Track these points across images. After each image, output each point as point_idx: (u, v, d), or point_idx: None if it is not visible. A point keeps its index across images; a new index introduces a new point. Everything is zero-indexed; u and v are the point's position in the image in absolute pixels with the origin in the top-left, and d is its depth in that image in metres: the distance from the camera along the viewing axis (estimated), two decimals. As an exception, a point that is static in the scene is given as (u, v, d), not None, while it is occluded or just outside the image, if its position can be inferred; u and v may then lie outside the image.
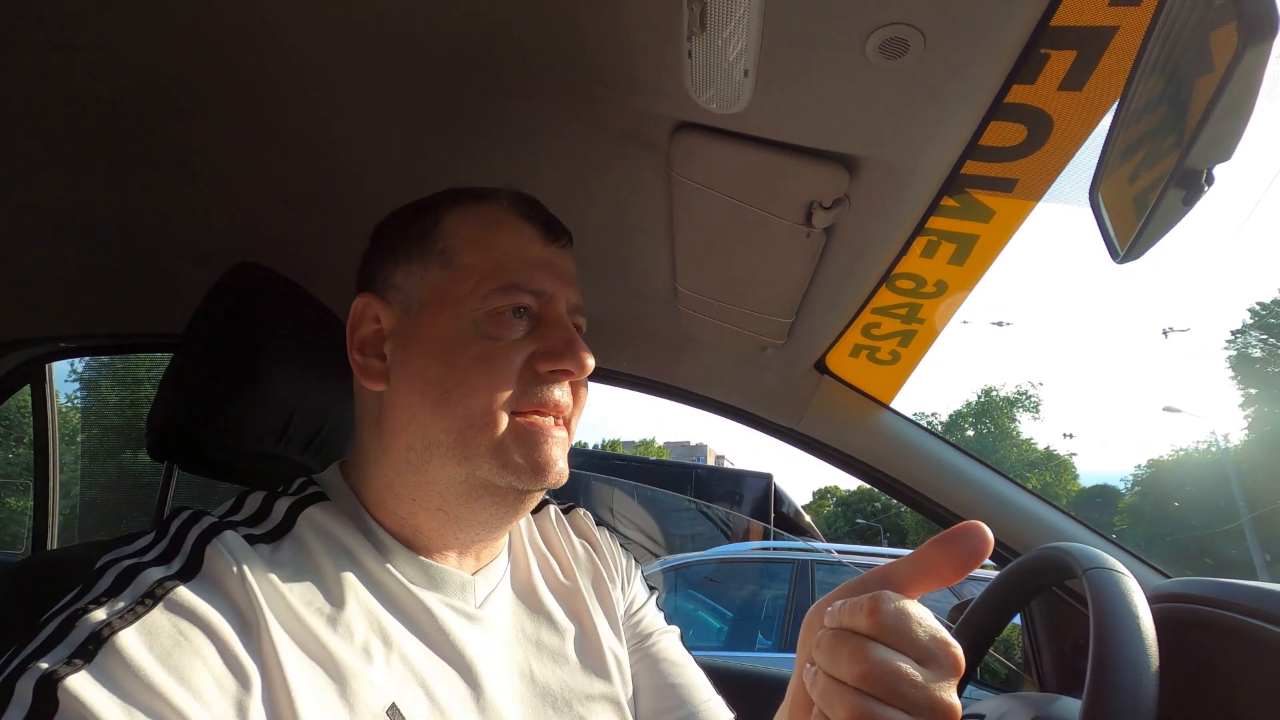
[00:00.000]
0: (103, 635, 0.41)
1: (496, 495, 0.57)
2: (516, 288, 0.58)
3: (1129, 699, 0.52)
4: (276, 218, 0.98)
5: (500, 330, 0.57)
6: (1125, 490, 28.91)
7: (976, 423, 32.89)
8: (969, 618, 0.87)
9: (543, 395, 0.56)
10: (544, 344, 0.57)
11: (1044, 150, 0.63)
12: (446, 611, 0.56)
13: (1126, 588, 0.59)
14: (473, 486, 0.56)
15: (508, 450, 0.55)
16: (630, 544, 3.37)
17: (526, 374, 0.56)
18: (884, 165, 0.66)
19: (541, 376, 0.57)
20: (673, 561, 4.35)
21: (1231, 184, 8.18)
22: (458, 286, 0.58)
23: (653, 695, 0.68)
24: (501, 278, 0.58)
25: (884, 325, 0.98)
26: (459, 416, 0.55)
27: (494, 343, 0.56)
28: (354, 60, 0.69)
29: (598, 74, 0.66)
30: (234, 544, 0.49)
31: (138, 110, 0.78)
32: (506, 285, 0.57)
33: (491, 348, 0.56)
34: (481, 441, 0.55)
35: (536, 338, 0.58)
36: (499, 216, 0.61)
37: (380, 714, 0.49)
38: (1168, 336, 21.38)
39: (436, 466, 0.56)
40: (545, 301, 0.59)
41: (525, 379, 0.56)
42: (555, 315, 0.59)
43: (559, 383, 0.57)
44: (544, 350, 0.57)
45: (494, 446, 0.55)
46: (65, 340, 1.43)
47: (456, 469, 0.56)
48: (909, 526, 25.65)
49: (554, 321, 0.59)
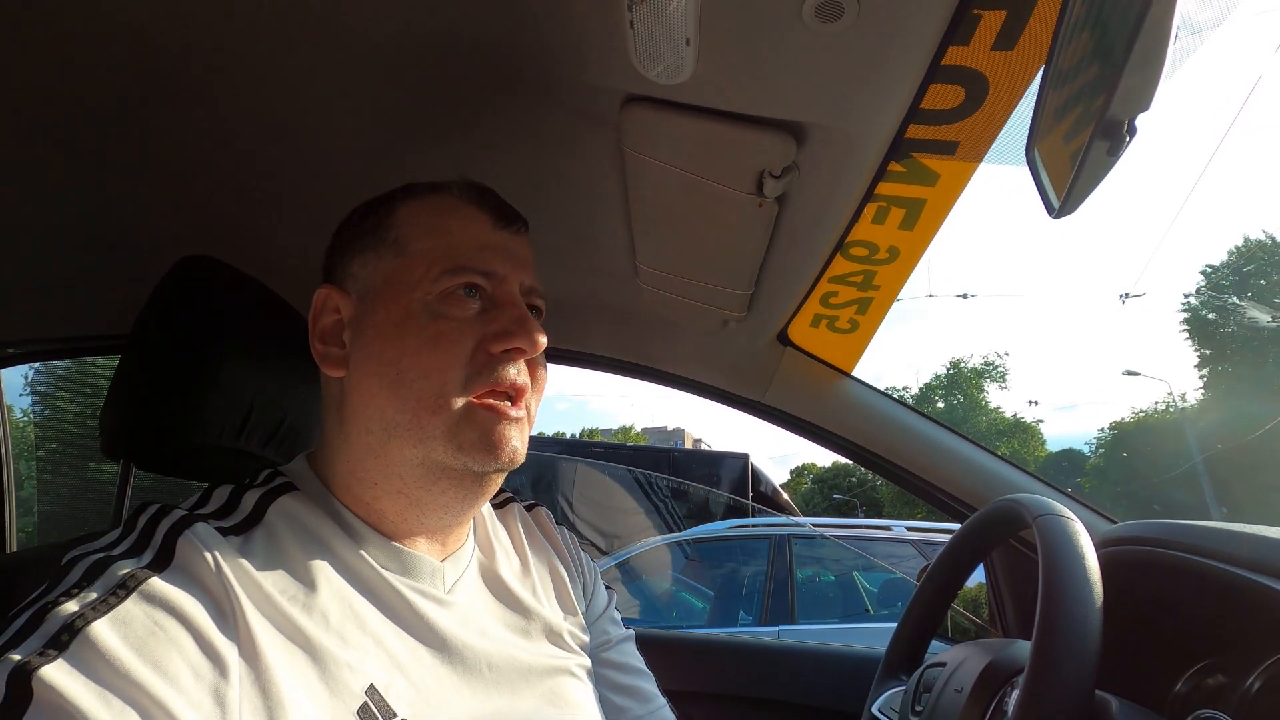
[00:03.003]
0: (76, 626, 0.41)
1: (454, 478, 0.57)
2: (466, 269, 0.59)
3: (1075, 635, 0.54)
4: (230, 212, 0.96)
5: (451, 309, 0.58)
6: (1090, 454, 29.83)
7: (947, 395, 33.58)
8: (931, 574, 0.90)
9: (497, 375, 0.57)
10: (496, 324, 0.58)
11: (982, 111, 0.64)
12: (418, 596, 0.57)
13: (1073, 531, 0.62)
14: (430, 468, 0.57)
15: (461, 432, 0.56)
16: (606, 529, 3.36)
17: (479, 355, 0.57)
18: (830, 131, 0.67)
19: (495, 357, 0.57)
20: (651, 543, 4.39)
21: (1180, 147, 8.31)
22: (410, 272, 0.59)
23: (610, 699, 0.71)
24: (452, 260, 0.58)
25: (841, 294, 1.00)
26: (413, 398, 0.56)
27: (445, 321, 0.57)
28: (301, 53, 0.68)
29: (544, 48, 0.66)
30: (206, 535, 0.50)
31: (84, 105, 0.75)
32: (456, 267, 0.58)
33: (443, 327, 0.57)
34: (436, 423, 0.55)
35: (489, 319, 0.58)
36: (450, 205, 0.62)
37: (359, 694, 0.49)
38: (1125, 302, 21.89)
39: (395, 449, 0.57)
40: (497, 283, 0.60)
41: (478, 360, 0.57)
42: (507, 296, 0.60)
43: (513, 362, 0.58)
44: (496, 330, 0.57)
45: (448, 428, 0.55)
46: (13, 346, 1.39)
47: (413, 451, 0.56)
48: (885, 500, 26.16)
49: (506, 302, 0.60)
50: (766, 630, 3.52)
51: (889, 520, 4.38)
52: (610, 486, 5.99)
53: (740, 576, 4.00)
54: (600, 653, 0.73)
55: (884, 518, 15.40)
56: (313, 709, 0.47)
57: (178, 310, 0.80)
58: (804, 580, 3.88)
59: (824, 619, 3.77)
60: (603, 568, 4.06)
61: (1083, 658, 0.53)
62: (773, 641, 1.36)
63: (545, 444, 7.73)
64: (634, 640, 0.78)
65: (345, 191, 0.87)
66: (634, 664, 0.76)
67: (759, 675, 1.26)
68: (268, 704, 0.45)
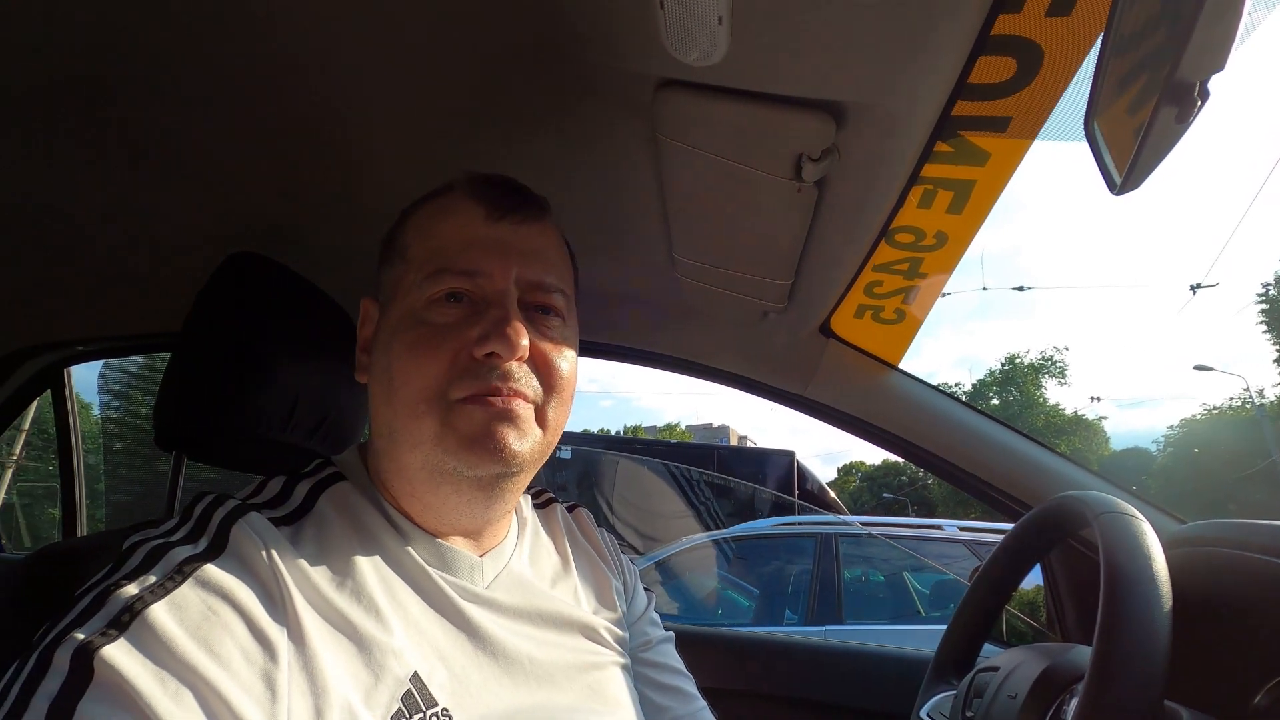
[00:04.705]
0: (135, 608, 0.42)
1: (453, 482, 0.57)
2: (446, 271, 0.58)
3: (1141, 641, 0.51)
4: (276, 209, 0.99)
5: (432, 316, 0.57)
6: (1158, 452, 28.41)
7: (1001, 391, 32.42)
8: (984, 574, 0.86)
9: (480, 379, 0.55)
10: (478, 327, 0.56)
11: (1036, 83, 0.60)
12: (458, 591, 0.58)
13: (1139, 530, 0.58)
14: (430, 473, 0.57)
15: (447, 435, 0.55)
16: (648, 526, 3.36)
17: (463, 359, 0.56)
18: (871, 111, 0.64)
19: (478, 361, 0.56)
20: (695, 541, 4.36)
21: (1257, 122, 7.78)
22: (406, 278, 0.60)
23: (652, 699, 0.71)
24: (434, 264, 0.59)
25: (886, 283, 0.96)
26: (401, 404, 0.56)
27: (425, 328, 0.57)
28: (344, 52, 0.69)
29: (576, 35, 0.65)
30: (259, 525, 0.51)
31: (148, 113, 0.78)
32: (437, 271, 0.58)
33: (422, 333, 0.57)
34: (423, 428, 0.55)
35: (474, 321, 0.57)
36: (447, 204, 0.62)
37: (404, 681, 0.50)
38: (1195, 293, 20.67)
39: (400, 454, 0.58)
40: (485, 281, 0.58)
41: (461, 363, 0.56)
42: (492, 295, 0.58)
43: (496, 366, 0.56)
44: (477, 334, 0.56)
45: (435, 433, 0.55)
46: (82, 344, 1.46)
47: (412, 456, 0.57)
48: (937, 499, 25.44)
49: (491, 301, 0.58)
50: (813, 630, 3.46)
51: (940, 520, 4.25)
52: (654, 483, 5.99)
53: (786, 575, 3.94)
54: (640, 653, 0.73)
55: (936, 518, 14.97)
56: (358, 694, 0.48)
57: (226, 306, 0.83)
58: (852, 580, 3.80)
59: (872, 619, 3.69)
60: (645, 564, 4.06)
61: (1149, 665, 0.50)
62: (819, 641, 1.33)
63: (589, 440, 7.78)
64: (673, 642, 0.78)
65: (384, 189, 0.88)
66: (674, 665, 0.76)
67: (804, 675, 1.23)
68: (314, 689, 0.46)
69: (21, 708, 0.38)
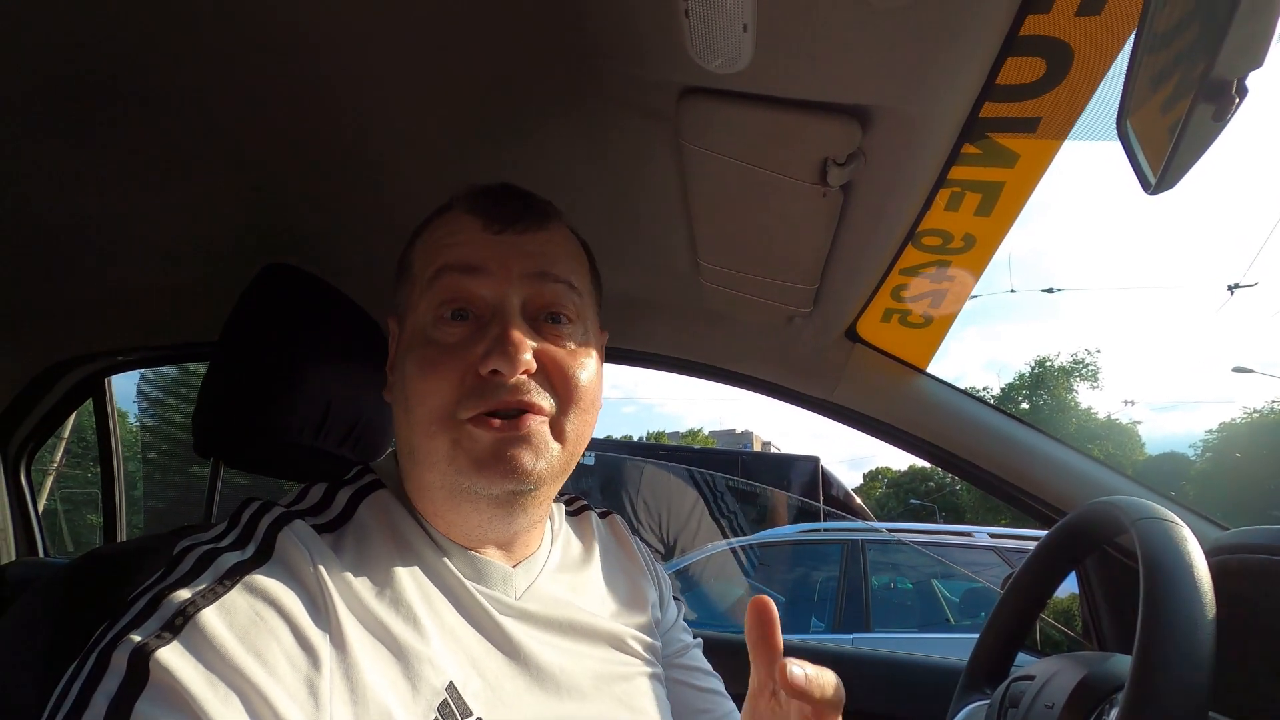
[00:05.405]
0: (188, 612, 0.44)
1: (471, 500, 0.57)
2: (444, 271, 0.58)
3: (1184, 650, 0.49)
4: (307, 221, 1.01)
5: (439, 335, 0.57)
6: (1195, 457, 27.60)
7: (1031, 395, 31.80)
8: (1017, 581, 0.84)
9: (489, 397, 0.54)
10: (481, 345, 0.55)
11: (1066, 83, 0.60)
12: (491, 601, 0.58)
13: (1179, 536, 0.56)
14: (449, 492, 0.57)
15: (458, 456, 0.55)
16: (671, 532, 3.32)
17: (470, 377, 0.55)
18: (897, 114, 0.64)
19: (484, 378, 0.55)
20: (718, 547, 4.34)
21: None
22: (411, 296, 0.61)
23: (683, 704, 0.72)
24: (431, 273, 0.59)
25: (913, 286, 0.95)
26: (416, 425, 0.56)
27: (433, 347, 0.57)
28: (371, 59, 0.70)
29: (598, 44, 0.65)
30: (303, 533, 0.52)
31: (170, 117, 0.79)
32: (433, 277, 0.58)
33: (430, 353, 0.56)
34: (436, 449, 0.55)
35: (478, 339, 0.56)
36: (448, 220, 0.62)
37: (440, 691, 0.51)
38: (1233, 293, 20.02)
39: (420, 473, 0.58)
40: (485, 289, 0.58)
41: (469, 382, 0.55)
42: (494, 308, 0.58)
43: (503, 381, 0.55)
44: (481, 351, 0.55)
45: (448, 453, 0.55)
46: (122, 354, 1.51)
47: (429, 475, 0.57)
48: (966, 506, 24.99)
49: (492, 316, 0.57)
50: (840, 638, 3.42)
51: (970, 526, 4.17)
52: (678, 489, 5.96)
53: (812, 582, 3.90)
54: (675, 659, 0.74)
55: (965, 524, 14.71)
56: (396, 702, 0.48)
57: (260, 315, 0.85)
58: (880, 587, 3.74)
59: (901, 628, 3.63)
60: (669, 570, 4.04)
61: (1192, 675, 0.48)
62: (848, 648, 1.32)
63: (611, 447, 7.78)
64: (702, 648, 0.79)
65: (409, 199, 0.89)
66: (707, 668, 0.77)
67: None
68: (354, 696, 0.47)
69: (82, 706, 0.40)
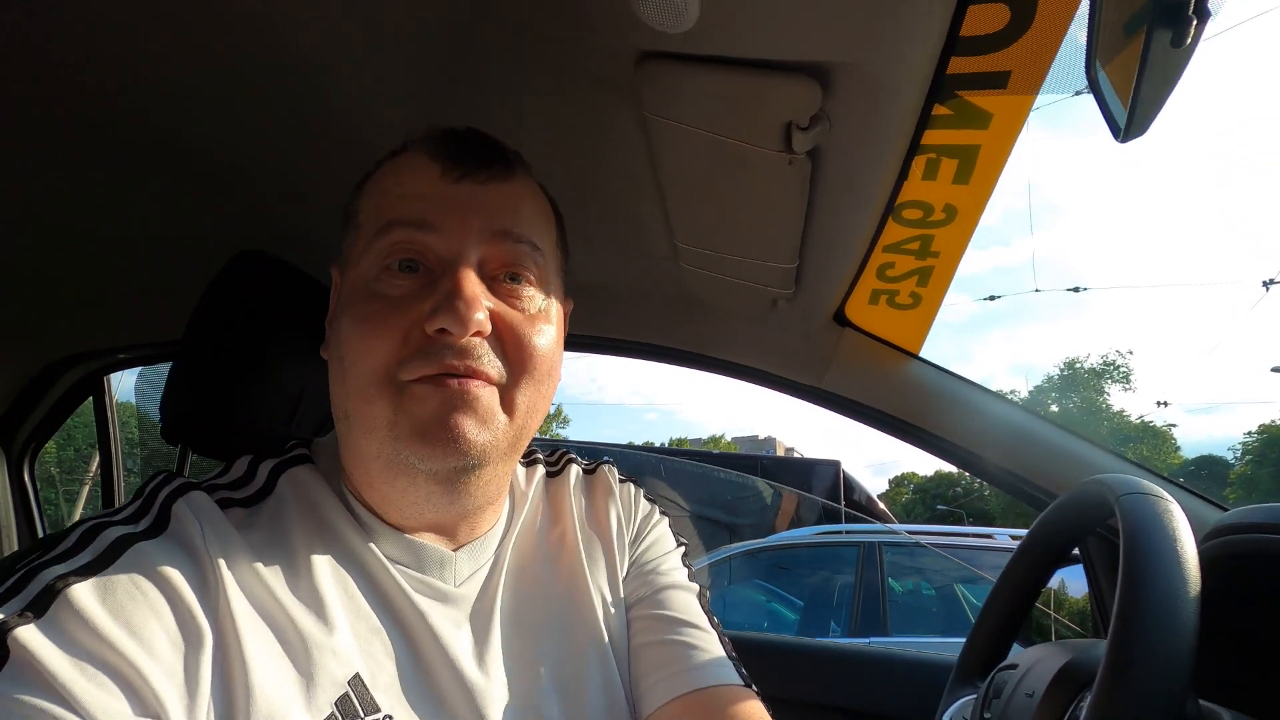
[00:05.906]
0: (56, 588, 0.41)
1: (409, 475, 0.51)
2: (394, 224, 0.52)
3: (1159, 629, 0.45)
4: (288, 210, 1.01)
5: (384, 287, 0.52)
6: (1235, 460, 26.77)
7: (1061, 398, 31.14)
8: (1008, 571, 0.80)
9: (433, 358, 0.49)
10: (429, 300, 0.50)
11: (1033, 30, 0.56)
12: (420, 588, 0.54)
13: (1161, 509, 0.52)
14: (386, 463, 0.52)
15: (399, 421, 0.50)
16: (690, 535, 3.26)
17: (415, 335, 0.50)
18: (859, 72, 0.61)
19: (430, 338, 0.50)
20: (734, 549, 4.28)
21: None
22: (354, 246, 0.56)
23: (639, 656, 0.62)
24: (380, 218, 0.53)
25: (898, 264, 0.92)
26: (352, 386, 0.51)
27: (377, 301, 0.52)
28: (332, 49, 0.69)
29: (547, 10, 0.64)
30: (201, 504, 0.49)
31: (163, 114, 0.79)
32: (383, 225, 0.53)
33: (374, 307, 0.51)
34: (375, 414, 0.50)
35: (426, 294, 0.51)
36: (400, 161, 0.57)
37: (342, 683, 0.48)
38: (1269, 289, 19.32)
39: (355, 440, 0.53)
40: (438, 239, 0.52)
41: (414, 340, 0.50)
42: (447, 260, 0.52)
43: (451, 342, 0.50)
44: (429, 308, 0.50)
45: (388, 419, 0.50)
46: (123, 351, 1.52)
47: (366, 444, 0.52)
48: (995, 511, 24.48)
49: (444, 270, 0.52)
50: (858, 642, 3.35)
51: (991, 529, 4.07)
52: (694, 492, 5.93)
53: (829, 585, 3.83)
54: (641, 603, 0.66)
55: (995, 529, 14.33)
56: (287, 693, 0.45)
57: (229, 302, 0.84)
58: (900, 591, 3.66)
59: (922, 632, 3.54)
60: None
61: (1169, 657, 0.44)
62: (841, 645, 1.28)
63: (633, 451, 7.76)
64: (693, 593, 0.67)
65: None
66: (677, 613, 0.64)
67: (825, 680, 1.17)
68: (236, 682, 0.44)
69: None
